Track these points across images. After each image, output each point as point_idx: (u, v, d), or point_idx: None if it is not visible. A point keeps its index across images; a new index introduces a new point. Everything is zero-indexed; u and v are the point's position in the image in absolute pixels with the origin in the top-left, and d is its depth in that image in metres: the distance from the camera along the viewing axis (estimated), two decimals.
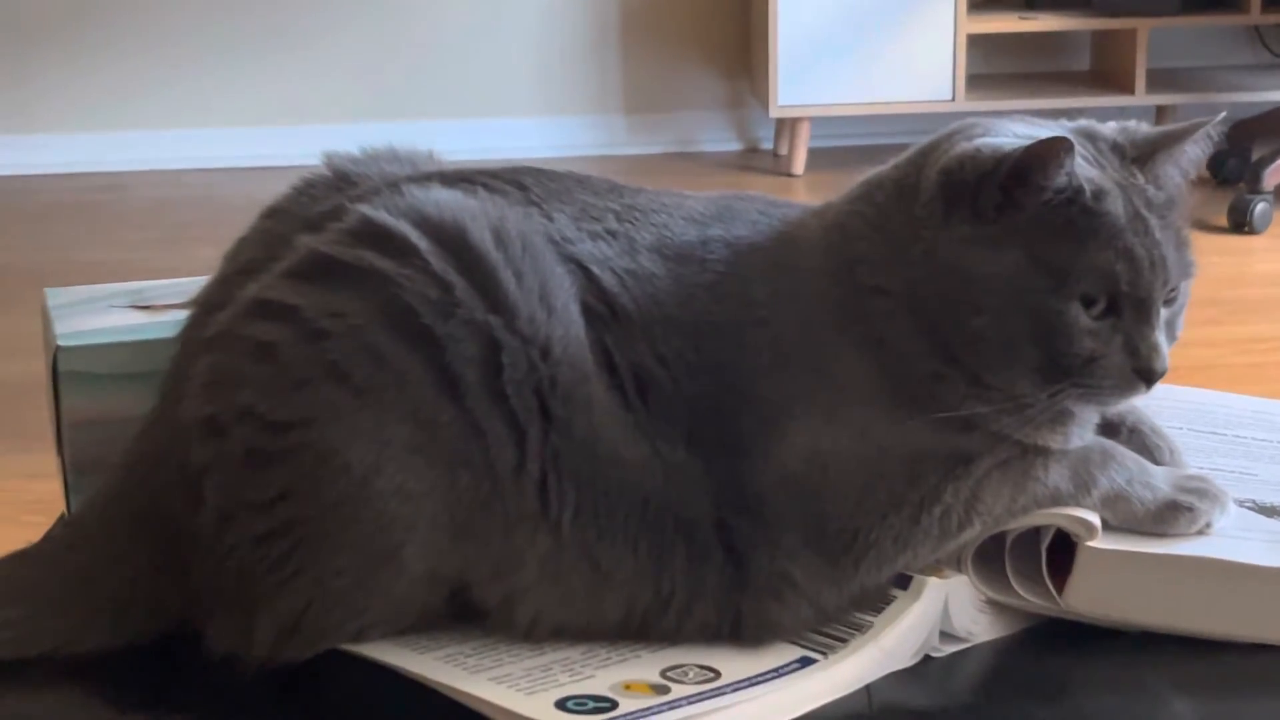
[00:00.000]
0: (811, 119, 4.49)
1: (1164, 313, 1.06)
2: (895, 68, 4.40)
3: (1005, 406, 1.05)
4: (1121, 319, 1.04)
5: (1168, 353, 1.05)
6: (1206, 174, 4.24)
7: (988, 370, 1.04)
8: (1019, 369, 1.04)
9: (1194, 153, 1.10)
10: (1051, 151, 1.02)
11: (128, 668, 1.08)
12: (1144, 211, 1.05)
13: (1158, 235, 1.05)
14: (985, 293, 1.04)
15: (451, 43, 4.76)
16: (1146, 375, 1.05)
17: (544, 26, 4.80)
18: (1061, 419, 1.07)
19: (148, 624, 1.08)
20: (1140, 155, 1.08)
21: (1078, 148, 1.05)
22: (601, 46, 4.84)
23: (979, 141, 1.06)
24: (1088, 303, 1.03)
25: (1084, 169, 1.05)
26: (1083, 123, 1.11)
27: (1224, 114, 1.11)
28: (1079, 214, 1.03)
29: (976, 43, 4.45)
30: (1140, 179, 1.07)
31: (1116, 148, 1.09)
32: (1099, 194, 1.04)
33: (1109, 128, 1.11)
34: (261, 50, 4.72)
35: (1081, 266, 1.03)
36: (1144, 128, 1.11)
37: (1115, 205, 1.04)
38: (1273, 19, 4.66)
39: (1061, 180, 1.03)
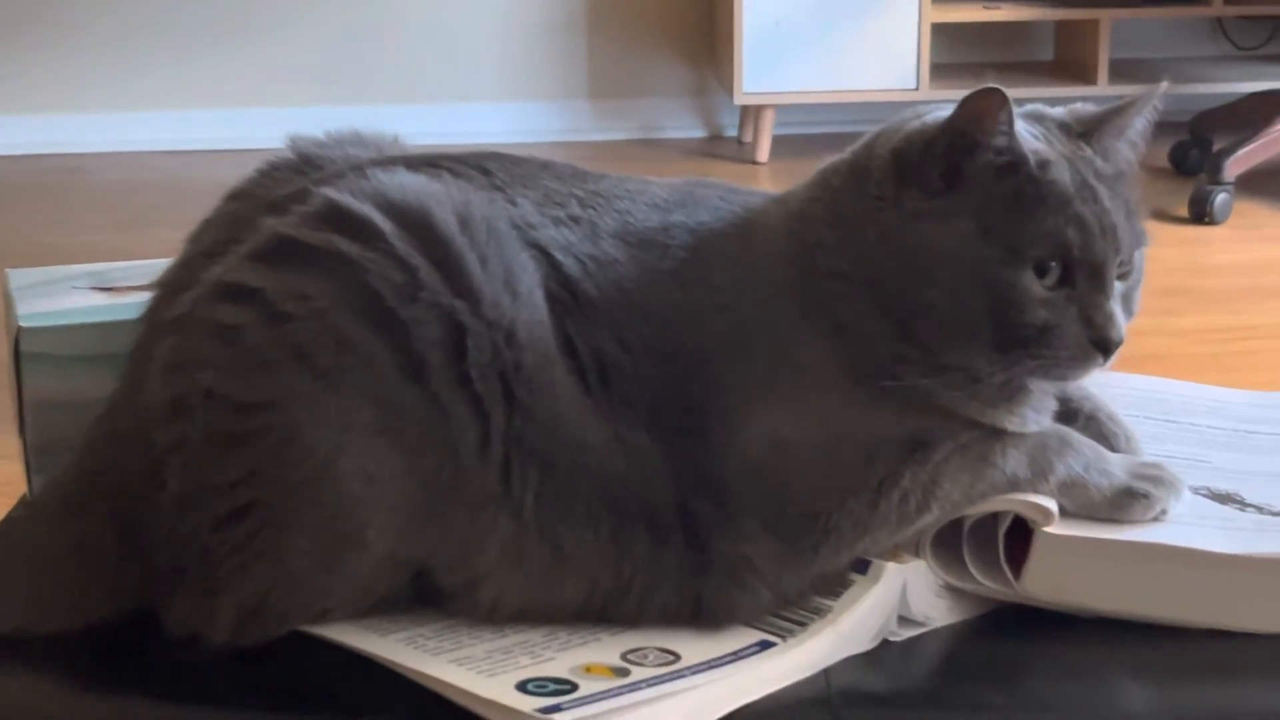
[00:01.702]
0: (776, 106, 4.49)
1: (1119, 286, 1.07)
2: (860, 56, 4.40)
3: (960, 382, 1.05)
4: (1076, 289, 1.05)
5: (1124, 326, 1.06)
6: (1168, 165, 4.26)
7: (942, 346, 1.05)
8: (974, 343, 1.04)
9: (1140, 125, 1.12)
10: (985, 103, 1.03)
11: (88, 649, 1.08)
12: (1092, 180, 1.06)
13: (1107, 203, 1.06)
14: (936, 266, 1.05)
15: (417, 27, 4.75)
16: (1103, 345, 1.05)
17: (510, 11, 4.79)
18: (1017, 398, 1.08)
19: (108, 606, 1.09)
20: (1086, 130, 1.10)
21: (1024, 124, 1.07)
22: (567, 32, 4.83)
23: (927, 117, 1.08)
24: (1040, 272, 1.04)
25: (1028, 140, 1.06)
26: (1030, 106, 1.13)
27: (1165, 84, 1.12)
28: (1025, 182, 1.05)
29: (941, 32, 4.46)
30: (1088, 151, 1.08)
31: (1063, 126, 1.10)
32: (1044, 164, 1.05)
33: (1056, 110, 1.12)
34: (225, 33, 4.69)
35: (1031, 234, 1.04)
36: (1090, 107, 1.12)
37: (1061, 174, 1.05)
38: (1234, 11, 4.68)
39: (1001, 140, 1.04)
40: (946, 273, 1.04)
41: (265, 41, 4.72)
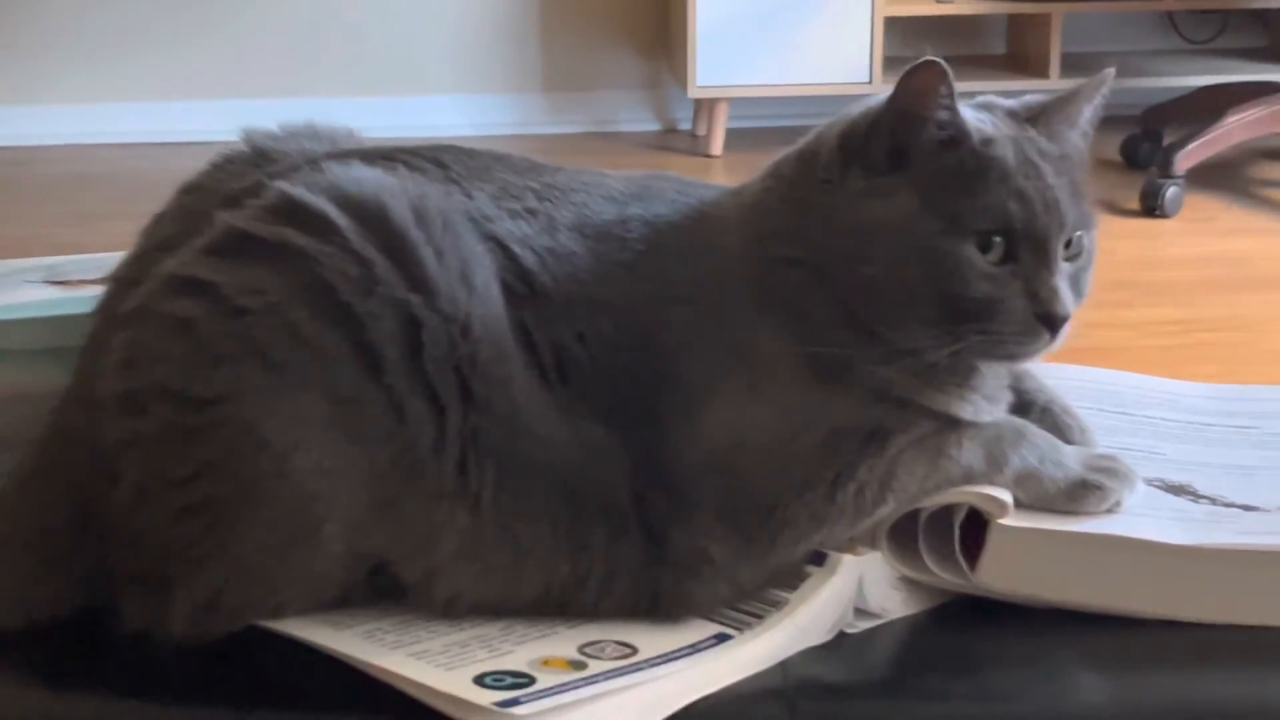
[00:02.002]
0: (730, 100, 4.49)
1: (1068, 267, 1.08)
2: (814, 50, 4.41)
3: (913, 367, 1.06)
4: (1020, 264, 1.06)
5: (1072, 305, 1.06)
6: (1119, 158, 4.28)
7: (885, 323, 1.05)
8: (916, 318, 1.05)
9: (1088, 113, 1.13)
10: (925, 76, 1.04)
11: (42, 645, 1.07)
12: (1035, 158, 1.07)
13: (1050, 180, 1.07)
14: (878, 241, 1.05)
15: (371, 19, 4.74)
16: (1048, 320, 1.06)
17: (464, 4, 4.78)
18: (969, 384, 1.08)
19: (63, 601, 1.08)
20: (1033, 116, 1.11)
21: (972, 110, 1.08)
22: (521, 24, 4.82)
23: (872, 101, 1.09)
24: (984, 248, 1.05)
25: (973, 119, 1.07)
26: (981, 98, 1.13)
27: (1110, 70, 1.13)
28: (968, 156, 1.05)
29: (894, 25, 4.47)
30: (1033, 133, 1.09)
31: (1011, 113, 1.11)
32: (988, 140, 1.06)
33: (1006, 100, 1.13)
34: (178, 23, 4.67)
35: (972, 207, 1.05)
36: (1039, 97, 1.13)
37: (1005, 150, 1.06)
38: (1185, 5, 4.71)
39: (943, 115, 1.05)
40: (887, 247, 1.05)
41: (219, 34, 4.69)
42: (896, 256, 1.05)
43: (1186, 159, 3.83)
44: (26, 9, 4.63)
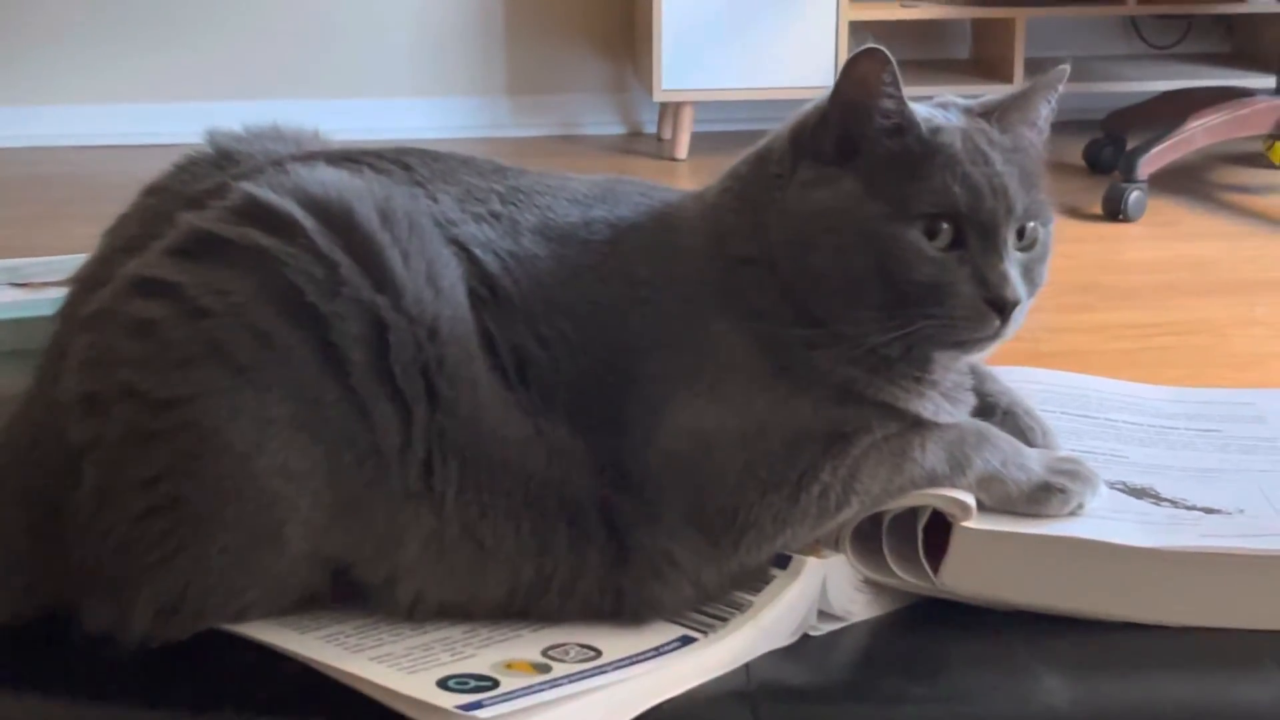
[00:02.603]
0: (695, 103, 4.50)
1: (1021, 256, 1.08)
2: (778, 54, 4.42)
3: (870, 362, 1.06)
4: (968, 250, 1.06)
5: (1023, 291, 1.06)
6: (1082, 163, 4.30)
7: (834, 314, 1.06)
8: (862, 306, 1.05)
9: (1043, 109, 1.13)
10: (867, 64, 1.05)
11: (3, 648, 1.06)
12: (984, 147, 1.08)
13: (999, 167, 1.07)
14: (823, 228, 1.06)
15: (336, 22, 4.73)
16: (997, 304, 1.06)
17: (428, 6, 4.77)
18: (925, 378, 1.09)
19: (24, 603, 1.07)
20: (987, 112, 1.12)
21: (925, 106, 1.08)
22: (486, 28, 4.82)
23: (823, 95, 1.09)
24: (931, 234, 1.05)
25: (923, 111, 1.08)
26: (939, 98, 1.14)
27: (1065, 66, 1.13)
28: (915, 143, 1.06)
29: (858, 30, 4.48)
30: (984, 124, 1.10)
31: (966, 109, 1.12)
32: (935, 129, 1.07)
33: (964, 100, 1.14)
34: (143, 25, 4.65)
35: (917, 191, 1.05)
36: (996, 96, 1.14)
37: (953, 138, 1.07)
38: (1148, 10, 4.73)
39: (888, 103, 1.05)
40: (832, 234, 1.05)
41: (182, 36, 4.68)
42: (841, 243, 1.05)
43: (1149, 164, 3.85)
44: None
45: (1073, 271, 3.34)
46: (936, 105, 1.12)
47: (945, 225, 1.05)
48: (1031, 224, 1.09)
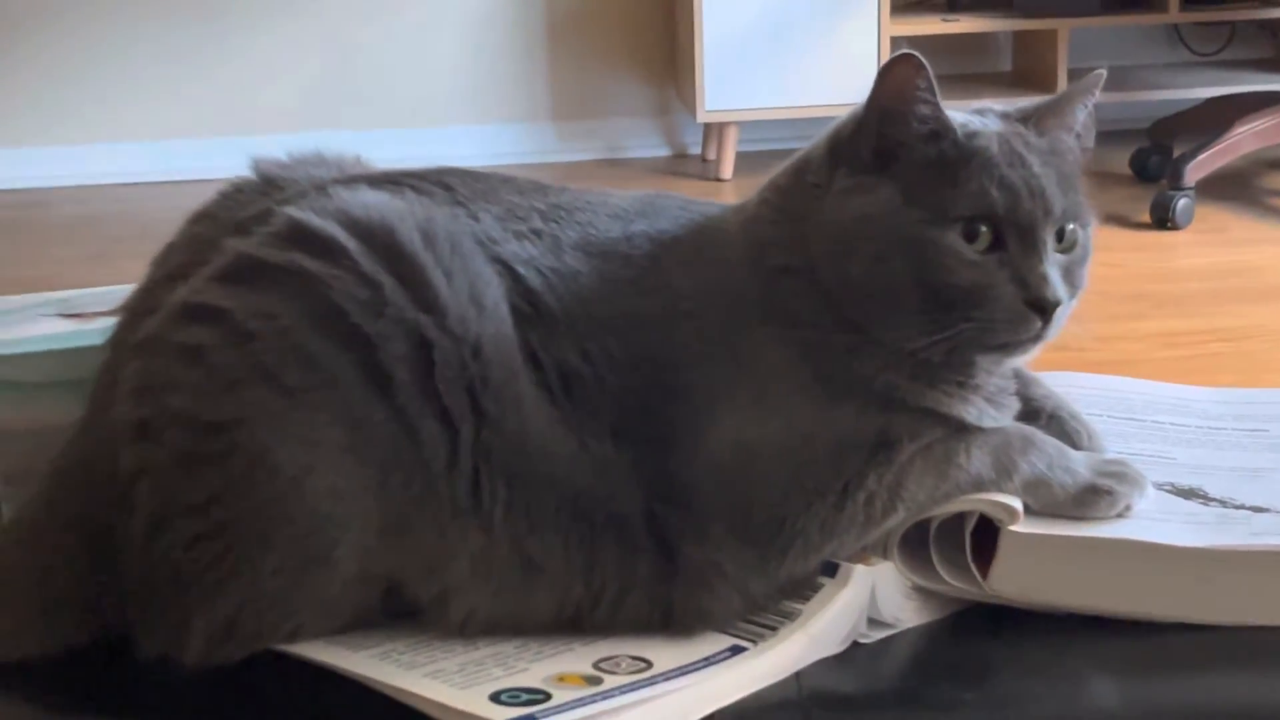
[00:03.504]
0: (739, 123, 4.50)
1: (1061, 258, 1.08)
2: (821, 71, 4.42)
3: (914, 369, 1.06)
4: (1008, 252, 1.06)
5: (1064, 292, 1.06)
6: (1129, 172, 4.28)
7: (875, 321, 1.06)
8: (903, 312, 1.05)
9: (1080, 113, 1.14)
10: (901, 71, 1.05)
11: (60, 675, 1.08)
12: (1021, 149, 1.08)
13: (1036, 169, 1.07)
14: (862, 235, 1.06)
15: (380, 52, 4.75)
16: (1038, 305, 1.06)
17: (472, 35, 4.79)
18: (968, 383, 1.09)
19: (81, 630, 1.09)
20: (1025, 116, 1.12)
21: (963, 114, 1.08)
22: (529, 54, 4.83)
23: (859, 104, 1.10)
24: (970, 237, 1.05)
25: (957, 116, 1.08)
26: (977, 105, 1.14)
27: (1101, 71, 1.14)
28: (951, 148, 1.06)
29: (900, 45, 4.47)
30: (1022, 129, 1.10)
31: (1004, 114, 1.12)
32: (972, 134, 1.07)
33: (1001, 106, 1.14)
34: (188, 62, 4.69)
35: (955, 196, 1.05)
36: (1034, 101, 1.14)
37: (989, 142, 1.07)
38: (1191, 17, 4.71)
39: (924, 109, 1.06)
40: (870, 241, 1.06)
41: (229, 71, 4.71)
42: (881, 249, 1.05)
43: (1196, 170, 3.83)
44: (34, 51, 4.65)
45: (1122, 280, 3.32)
46: (974, 112, 1.12)
47: (984, 228, 1.05)
48: (1070, 226, 1.09)
